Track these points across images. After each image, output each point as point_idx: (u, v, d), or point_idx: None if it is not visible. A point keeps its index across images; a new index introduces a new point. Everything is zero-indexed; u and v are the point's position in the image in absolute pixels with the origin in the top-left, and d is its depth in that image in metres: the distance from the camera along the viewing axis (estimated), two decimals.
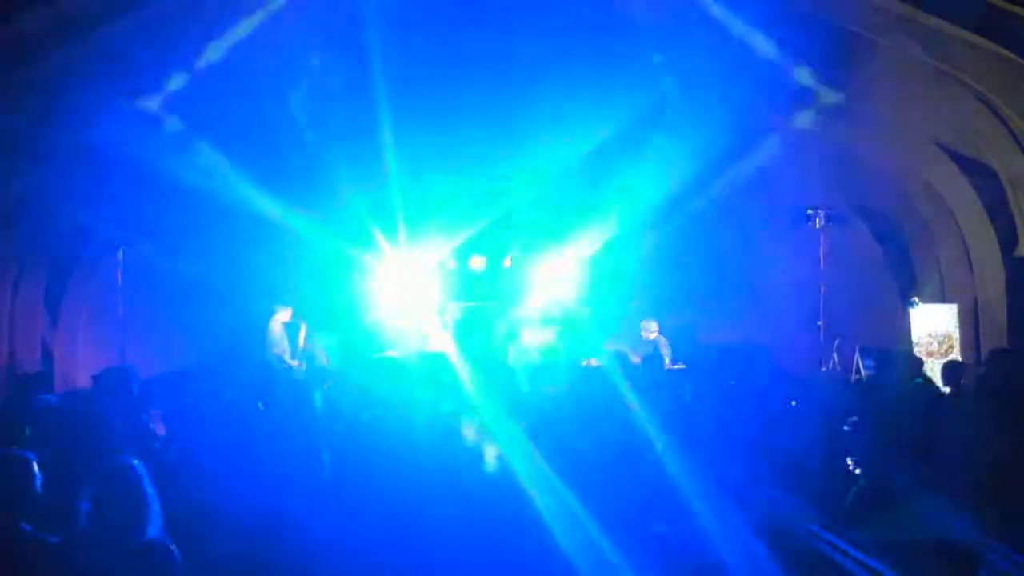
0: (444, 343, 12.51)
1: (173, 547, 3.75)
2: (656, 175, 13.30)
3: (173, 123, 11.18)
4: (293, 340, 12.04)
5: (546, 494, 4.69)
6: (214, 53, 10.83)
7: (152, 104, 10.88)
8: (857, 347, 11.51)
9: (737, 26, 10.70)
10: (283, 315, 12.01)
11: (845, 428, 6.14)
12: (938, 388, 7.59)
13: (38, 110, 9.70)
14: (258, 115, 12.15)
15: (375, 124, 12.55)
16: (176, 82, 10.84)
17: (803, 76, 11.06)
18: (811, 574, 3.94)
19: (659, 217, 13.69)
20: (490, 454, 5.18)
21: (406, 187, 13.39)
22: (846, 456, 5.58)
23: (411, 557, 4.41)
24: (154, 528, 3.77)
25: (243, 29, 10.79)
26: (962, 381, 7.39)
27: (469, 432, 5.38)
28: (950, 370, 7.59)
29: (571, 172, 13.54)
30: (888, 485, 4.34)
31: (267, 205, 12.37)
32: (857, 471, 5.35)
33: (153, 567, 3.70)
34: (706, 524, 4.46)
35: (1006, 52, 8.53)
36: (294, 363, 11.71)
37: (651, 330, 11.77)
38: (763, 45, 10.79)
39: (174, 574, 3.72)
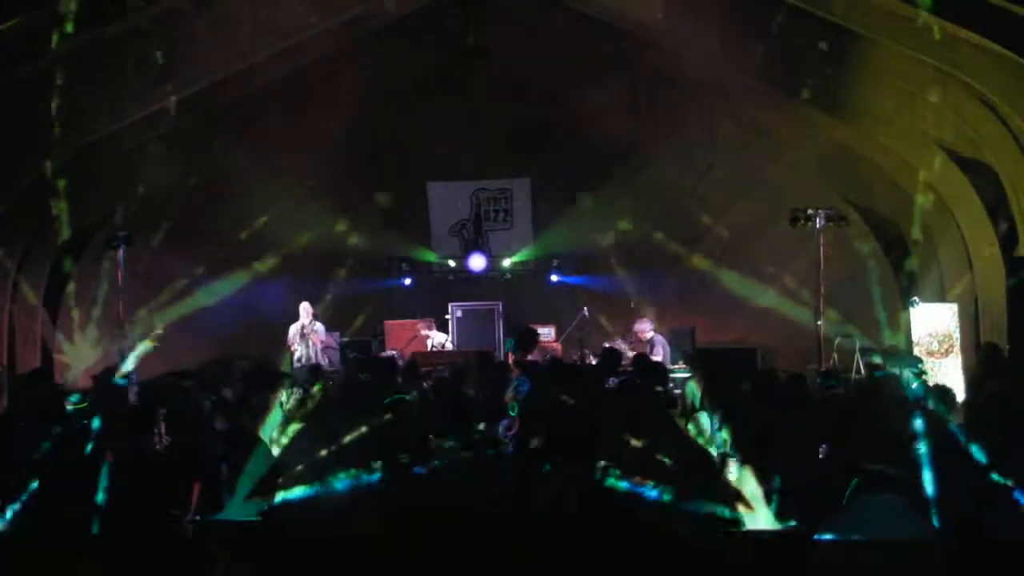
0: (445, 343, 12.53)
1: None
2: (656, 175, 13.33)
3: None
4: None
5: None
6: None
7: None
8: (857, 347, 11.51)
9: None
10: (303, 311, 12.03)
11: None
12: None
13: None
14: None
15: None
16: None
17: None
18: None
19: (658, 217, 13.72)
20: None
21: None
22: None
23: None
24: None
25: None
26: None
27: None
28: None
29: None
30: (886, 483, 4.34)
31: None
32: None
33: None
34: None
35: (1006, 52, 8.52)
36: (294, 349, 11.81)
37: (645, 331, 11.74)
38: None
39: None
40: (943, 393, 5.94)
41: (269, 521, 4.87)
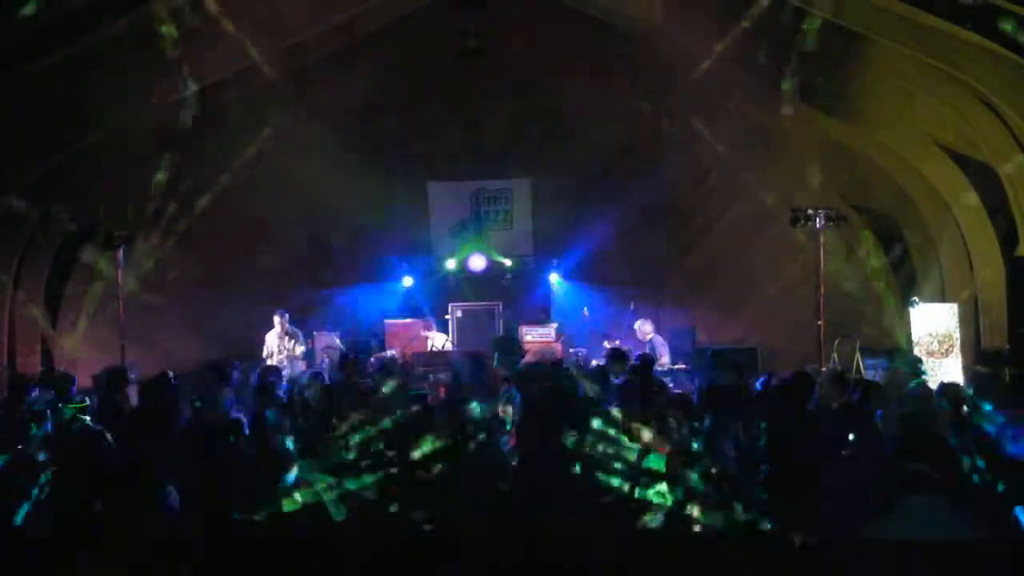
0: (446, 343, 12.53)
1: None
2: (656, 175, 13.33)
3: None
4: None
5: None
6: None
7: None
8: (858, 347, 11.52)
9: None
10: (279, 321, 12.01)
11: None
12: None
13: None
14: None
15: None
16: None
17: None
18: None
19: (658, 217, 13.72)
20: None
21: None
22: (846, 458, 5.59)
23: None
24: None
25: None
26: None
27: None
28: None
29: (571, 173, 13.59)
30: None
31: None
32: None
33: None
34: None
35: (1006, 52, 8.52)
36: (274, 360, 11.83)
37: (646, 331, 11.74)
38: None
39: None
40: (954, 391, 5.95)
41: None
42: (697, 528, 4.37)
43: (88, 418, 6.66)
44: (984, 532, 3.80)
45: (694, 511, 4.52)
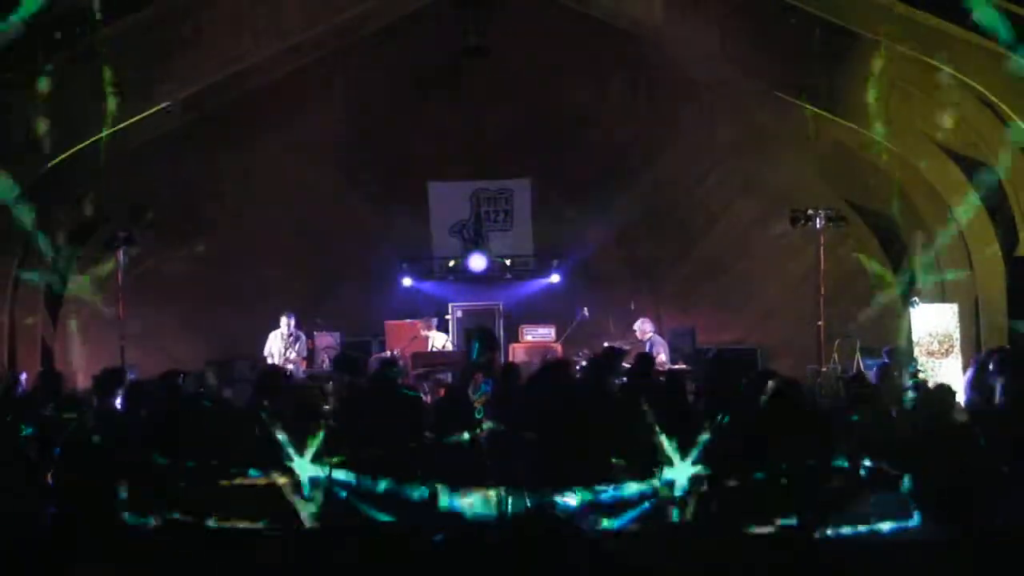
0: (446, 344, 12.52)
1: None
2: (656, 175, 13.33)
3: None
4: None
5: None
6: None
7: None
8: (858, 347, 11.51)
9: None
10: (285, 322, 12.00)
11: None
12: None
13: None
14: None
15: None
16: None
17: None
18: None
19: (658, 217, 13.71)
20: None
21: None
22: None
23: None
24: None
25: None
26: None
27: None
28: None
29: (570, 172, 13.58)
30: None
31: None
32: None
33: None
34: None
35: (1006, 52, 8.53)
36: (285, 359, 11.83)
37: (645, 330, 11.72)
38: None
39: None
40: (942, 392, 5.94)
41: None
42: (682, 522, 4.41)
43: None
44: (944, 530, 3.82)
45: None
